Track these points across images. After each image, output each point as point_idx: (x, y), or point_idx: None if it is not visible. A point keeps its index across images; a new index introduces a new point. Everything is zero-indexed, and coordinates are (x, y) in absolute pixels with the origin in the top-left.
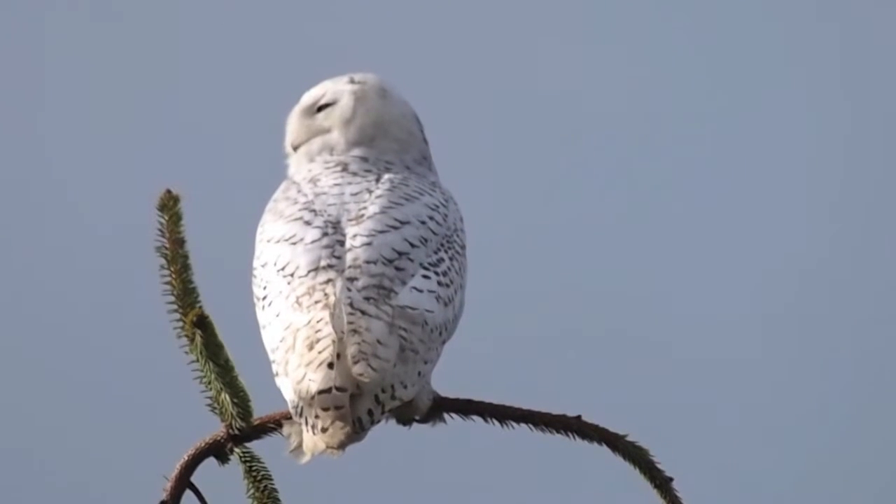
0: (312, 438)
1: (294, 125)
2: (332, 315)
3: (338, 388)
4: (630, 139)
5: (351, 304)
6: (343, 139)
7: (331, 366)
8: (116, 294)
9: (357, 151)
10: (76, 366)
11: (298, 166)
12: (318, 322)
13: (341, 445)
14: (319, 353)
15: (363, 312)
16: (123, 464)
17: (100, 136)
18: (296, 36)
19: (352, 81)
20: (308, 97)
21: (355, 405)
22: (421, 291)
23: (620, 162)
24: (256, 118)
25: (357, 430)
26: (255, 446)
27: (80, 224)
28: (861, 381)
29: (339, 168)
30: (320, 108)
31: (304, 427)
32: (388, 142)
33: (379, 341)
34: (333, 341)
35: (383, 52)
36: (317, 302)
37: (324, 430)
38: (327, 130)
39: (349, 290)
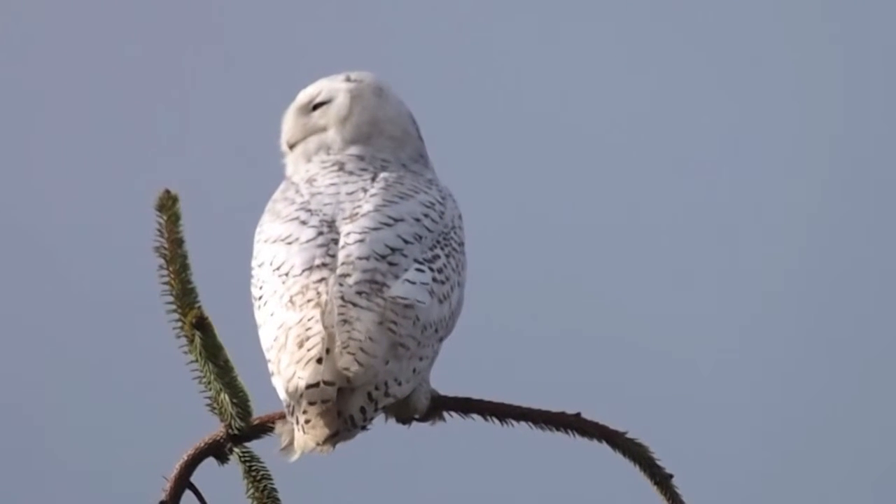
0: (302, 436)
1: (290, 123)
2: (323, 312)
3: (325, 383)
4: (612, 138)
5: (342, 298)
6: (339, 137)
7: (319, 361)
8: (116, 296)
9: (353, 150)
10: (73, 367)
11: (296, 165)
12: (308, 320)
13: (328, 441)
14: (308, 350)
15: (354, 305)
16: (122, 464)
17: (98, 134)
18: (294, 35)
19: (348, 79)
20: (304, 95)
21: (347, 402)
22: (414, 283)
23: (608, 164)
24: (255, 117)
25: (349, 427)
26: (254, 446)
27: (74, 224)
28: (843, 379)
29: (335, 167)
30: (316, 107)
31: (294, 425)
32: (384, 140)
33: (369, 337)
34: (322, 338)
35: (379, 51)
36: (309, 300)
37: (307, 422)
38: (323, 129)
39: (341, 285)
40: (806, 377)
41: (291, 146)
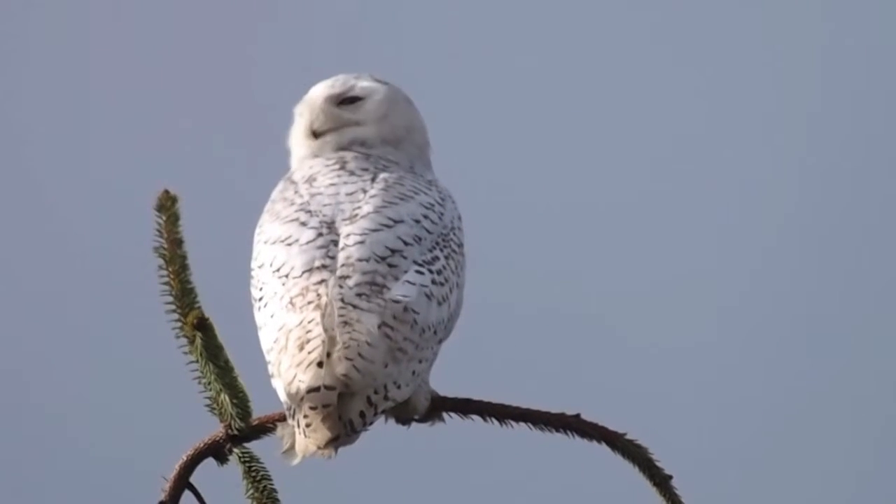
0: (303, 440)
1: (318, 111)
2: (323, 315)
3: (326, 387)
4: (592, 122)
5: (342, 300)
6: (378, 135)
7: (320, 365)
8: (116, 294)
9: (380, 150)
10: (73, 366)
11: (321, 150)
12: (309, 323)
13: (330, 445)
14: (309, 353)
15: (354, 307)
16: (122, 464)
17: (99, 135)
18: (294, 35)
19: (378, 81)
20: (334, 87)
21: (346, 406)
22: (413, 285)
23: (590, 152)
24: (255, 116)
25: (348, 432)
26: (254, 446)
27: (77, 223)
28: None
29: (336, 166)
30: (344, 101)
31: (295, 428)
32: (413, 148)
33: (368, 342)
34: (323, 341)
35: (377, 49)
36: (309, 302)
37: (308, 426)
38: (356, 123)
39: (340, 287)
40: (801, 372)
41: (317, 134)
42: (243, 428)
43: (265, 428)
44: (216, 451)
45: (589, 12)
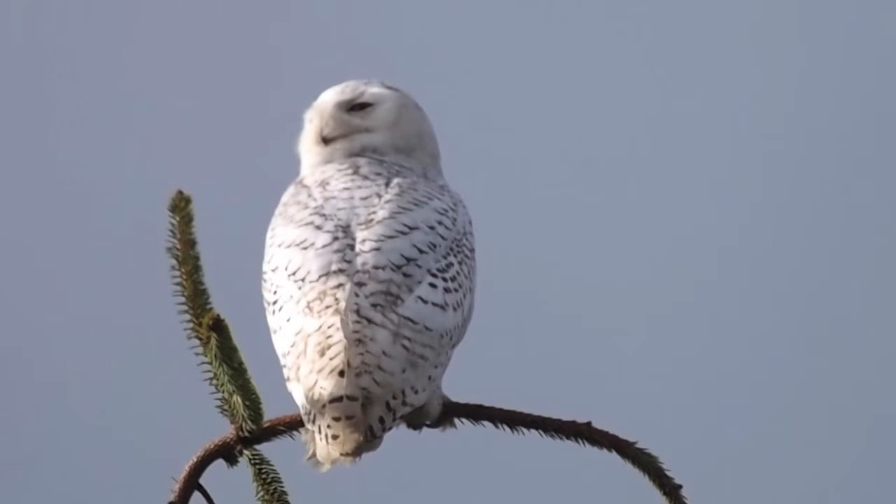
0: (325, 447)
1: (327, 118)
2: (342, 321)
3: (349, 397)
4: (557, 109)
5: (357, 312)
6: (390, 142)
7: (342, 374)
8: (124, 295)
9: (393, 157)
10: (83, 367)
11: (315, 163)
12: (329, 328)
13: (355, 453)
14: (331, 359)
15: (369, 320)
16: (131, 465)
17: (110, 136)
18: (306, 39)
19: (388, 87)
20: (344, 94)
21: (366, 413)
22: (426, 303)
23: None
24: (267, 119)
25: (369, 439)
26: (264, 449)
27: (88, 223)
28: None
29: (349, 171)
30: (354, 107)
31: (316, 435)
32: (425, 155)
33: (384, 352)
34: (345, 348)
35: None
36: (328, 307)
37: (335, 437)
38: (366, 130)
39: (357, 295)
40: (807, 373)
41: (327, 140)
42: (254, 430)
43: (276, 430)
44: (227, 452)
45: (585, 11)
